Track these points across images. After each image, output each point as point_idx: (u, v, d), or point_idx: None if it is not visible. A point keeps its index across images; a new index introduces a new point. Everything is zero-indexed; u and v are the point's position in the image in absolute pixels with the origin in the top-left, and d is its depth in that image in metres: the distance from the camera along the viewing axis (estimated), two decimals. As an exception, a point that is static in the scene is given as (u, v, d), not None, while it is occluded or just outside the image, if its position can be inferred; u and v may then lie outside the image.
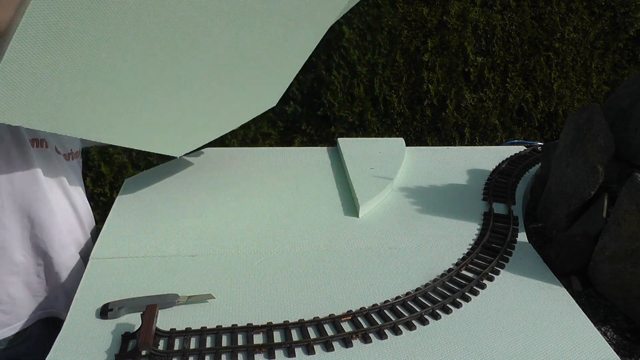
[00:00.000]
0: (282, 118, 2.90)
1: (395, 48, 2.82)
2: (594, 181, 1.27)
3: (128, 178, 1.66)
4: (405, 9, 2.78)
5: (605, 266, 1.15)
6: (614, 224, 1.13)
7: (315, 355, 0.99)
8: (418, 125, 2.97)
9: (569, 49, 2.90)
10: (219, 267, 1.25)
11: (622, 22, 2.89)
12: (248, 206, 1.52)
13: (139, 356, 0.96)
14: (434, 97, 2.90)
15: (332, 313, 1.09)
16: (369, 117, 2.91)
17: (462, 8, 2.79)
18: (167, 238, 1.36)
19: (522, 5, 2.82)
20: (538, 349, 1.00)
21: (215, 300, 1.13)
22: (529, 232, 1.40)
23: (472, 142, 3.02)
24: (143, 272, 1.22)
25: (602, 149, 1.27)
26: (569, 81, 2.96)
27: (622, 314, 1.13)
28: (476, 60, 2.85)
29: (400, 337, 1.03)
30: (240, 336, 1.02)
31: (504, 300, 1.14)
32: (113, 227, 1.40)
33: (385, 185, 1.56)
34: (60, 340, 1.02)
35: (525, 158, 1.78)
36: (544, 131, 3.07)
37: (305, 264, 1.26)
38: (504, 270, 1.23)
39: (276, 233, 1.38)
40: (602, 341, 1.02)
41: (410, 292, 1.15)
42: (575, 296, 1.16)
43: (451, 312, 1.10)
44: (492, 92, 2.92)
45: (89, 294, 1.14)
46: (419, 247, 1.33)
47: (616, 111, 1.35)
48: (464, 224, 1.42)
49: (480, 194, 1.57)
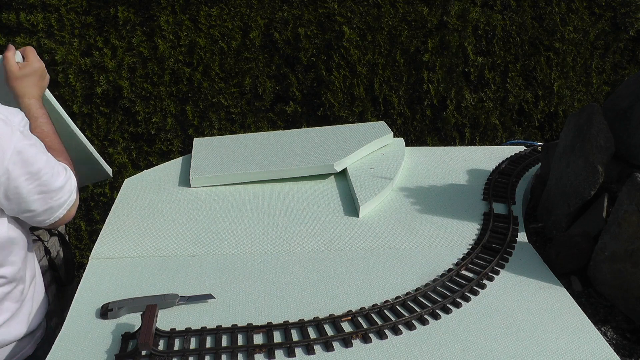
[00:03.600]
0: (282, 118, 2.90)
1: (395, 48, 2.82)
2: (594, 181, 1.27)
3: (128, 178, 1.66)
4: (405, 9, 2.78)
5: (605, 266, 1.15)
6: (614, 224, 1.13)
7: (315, 355, 0.99)
8: (418, 125, 2.97)
9: (569, 49, 2.89)
10: (219, 267, 1.24)
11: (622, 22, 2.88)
12: (248, 206, 1.52)
13: (139, 356, 0.96)
14: (434, 97, 2.90)
15: (332, 313, 1.09)
16: (369, 117, 2.91)
17: (462, 8, 2.79)
18: (167, 238, 1.36)
19: (522, 5, 2.82)
20: (538, 349, 1.00)
21: (215, 300, 1.13)
22: (529, 232, 1.40)
23: (472, 142, 3.01)
24: (143, 272, 1.22)
25: (602, 149, 1.27)
26: (569, 81, 2.95)
27: (622, 314, 1.13)
28: (476, 60, 2.85)
29: (400, 337, 1.03)
30: (240, 336, 1.02)
31: (504, 300, 1.14)
32: (113, 227, 1.40)
33: (385, 185, 1.56)
34: (60, 340, 1.02)
35: (525, 158, 1.78)
36: (544, 131, 3.07)
37: (305, 264, 1.26)
38: (504, 270, 1.23)
39: (276, 233, 1.38)
40: (602, 341, 1.02)
41: (410, 292, 1.15)
42: (575, 296, 1.16)
43: (451, 312, 1.10)
44: (493, 92, 2.92)
45: (89, 294, 1.14)
46: (419, 247, 1.33)
47: (616, 111, 1.35)
48: (464, 224, 1.42)
49: (480, 194, 1.57)
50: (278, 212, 1.49)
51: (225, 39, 2.72)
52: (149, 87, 2.75)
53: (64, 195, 1.18)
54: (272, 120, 2.90)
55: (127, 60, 2.68)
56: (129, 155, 2.89)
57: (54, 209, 1.18)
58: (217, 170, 1.64)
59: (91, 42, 2.66)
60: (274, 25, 2.73)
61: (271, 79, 2.82)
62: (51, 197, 1.15)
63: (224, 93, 2.79)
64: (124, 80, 2.71)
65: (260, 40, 2.74)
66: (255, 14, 2.70)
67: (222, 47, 2.72)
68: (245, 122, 2.88)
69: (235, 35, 2.72)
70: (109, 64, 2.67)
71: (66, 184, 1.18)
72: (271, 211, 1.49)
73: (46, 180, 1.13)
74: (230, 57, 2.75)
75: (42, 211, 1.16)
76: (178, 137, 2.88)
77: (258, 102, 2.85)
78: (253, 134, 1.95)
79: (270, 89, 2.82)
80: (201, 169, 1.65)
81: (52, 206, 1.17)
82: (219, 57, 2.74)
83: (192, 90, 2.79)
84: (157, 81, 2.74)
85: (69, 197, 1.20)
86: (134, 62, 2.70)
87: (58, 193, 1.16)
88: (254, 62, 2.77)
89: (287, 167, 1.64)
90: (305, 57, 2.77)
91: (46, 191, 1.14)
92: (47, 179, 1.13)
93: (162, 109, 2.78)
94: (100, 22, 2.65)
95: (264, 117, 2.88)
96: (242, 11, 2.70)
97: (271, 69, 2.80)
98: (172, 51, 2.69)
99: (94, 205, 2.90)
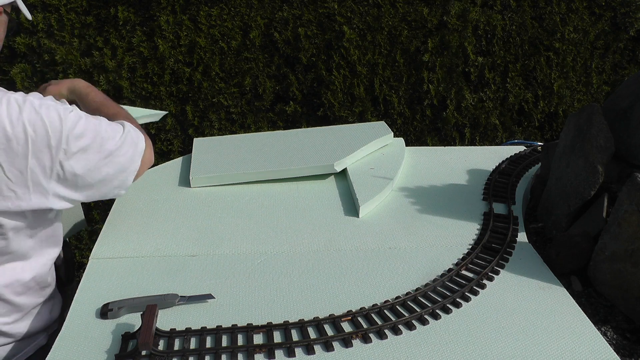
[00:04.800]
0: (282, 118, 2.90)
1: (395, 48, 2.82)
2: (594, 181, 1.27)
3: (128, 178, 1.66)
4: (405, 9, 2.78)
5: (605, 266, 1.15)
6: (614, 224, 1.13)
7: (315, 355, 0.99)
8: (418, 125, 2.97)
9: (569, 49, 2.89)
10: (219, 267, 1.24)
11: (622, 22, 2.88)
12: (248, 206, 1.52)
13: (139, 356, 0.96)
14: (434, 97, 2.90)
15: (332, 313, 1.09)
16: (369, 117, 2.91)
17: (462, 8, 2.79)
18: (167, 238, 1.36)
19: (522, 5, 2.82)
20: (538, 349, 1.00)
21: (215, 300, 1.13)
22: (529, 232, 1.40)
23: (472, 142, 3.01)
24: (143, 272, 1.22)
25: (602, 149, 1.27)
26: (569, 81, 2.95)
27: (622, 314, 1.13)
28: (476, 60, 2.85)
29: (400, 337, 1.03)
30: (240, 336, 1.02)
31: (504, 300, 1.14)
32: (113, 227, 1.40)
33: (385, 185, 1.56)
34: (60, 340, 1.02)
35: (525, 158, 1.78)
36: (544, 131, 3.07)
37: (305, 264, 1.26)
38: (504, 270, 1.23)
39: (276, 233, 1.38)
40: (602, 341, 1.02)
41: (410, 292, 1.15)
42: (575, 296, 1.16)
43: (451, 312, 1.10)
44: (493, 92, 2.92)
45: (89, 294, 1.14)
46: (419, 247, 1.33)
47: (616, 111, 1.35)
48: (464, 224, 1.42)
49: (480, 194, 1.57)
50: (278, 212, 1.49)
51: (225, 39, 2.72)
52: (149, 87, 2.75)
53: (128, 149, 1.18)
54: (272, 120, 2.90)
55: (127, 60, 2.68)
56: (129, 155, 2.89)
57: (125, 166, 1.18)
58: (217, 170, 1.64)
59: (91, 42, 2.66)
60: (274, 25, 2.73)
61: (271, 79, 2.82)
62: (116, 155, 1.16)
63: (224, 93, 2.79)
64: (124, 80, 2.71)
65: (260, 40, 2.74)
66: (255, 14, 2.70)
67: (222, 47, 2.72)
68: (245, 122, 2.88)
69: (235, 35, 2.72)
70: (109, 64, 2.67)
71: (126, 139, 1.18)
72: (271, 211, 1.49)
73: (102, 143, 1.13)
74: (230, 57, 2.75)
75: (116, 173, 1.17)
76: (178, 137, 2.88)
77: (258, 102, 2.85)
78: (253, 134, 1.95)
79: (270, 89, 2.82)
80: (201, 169, 1.65)
81: (122, 164, 1.17)
82: (219, 57, 2.74)
83: (192, 90, 2.79)
84: (157, 81, 2.74)
85: (135, 149, 1.19)
86: (134, 62, 2.70)
87: (121, 150, 1.17)
88: (254, 62, 2.77)
89: (287, 167, 1.64)
90: (305, 57, 2.77)
91: (108, 154, 1.14)
92: (103, 143, 1.13)
93: (162, 109, 2.78)
94: (100, 22, 2.65)
95: (264, 117, 2.89)
96: (242, 11, 2.70)
97: (271, 69, 2.80)
98: (172, 51, 2.69)
99: (94, 205, 2.90)
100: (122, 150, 1.17)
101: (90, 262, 1.25)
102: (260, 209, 1.50)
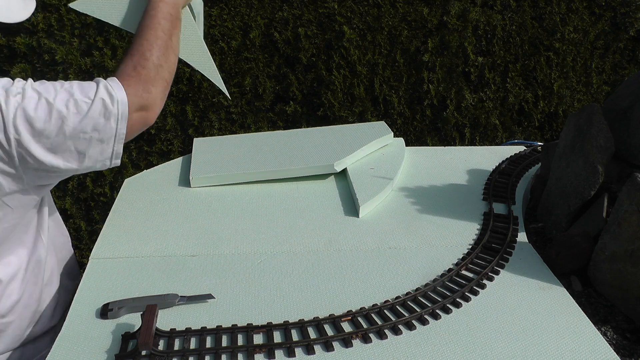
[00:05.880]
0: (282, 118, 2.90)
1: (395, 48, 2.82)
2: (594, 181, 1.27)
3: (128, 178, 1.66)
4: (405, 9, 2.78)
5: (605, 266, 1.15)
6: (614, 224, 1.13)
7: (315, 355, 0.99)
8: (418, 125, 2.97)
9: (569, 49, 2.89)
10: (219, 267, 1.25)
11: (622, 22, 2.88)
12: (248, 206, 1.52)
13: (139, 356, 0.96)
14: (434, 97, 2.90)
15: (332, 313, 1.09)
16: (369, 117, 2.91)
17: (462, 8, 2.79)
18: (167, 238, 1.36)
19: (522, 5, 2.82)
20: (538, 349, 1.00)
21: (215, 300, 1.13)
22: (529, 232, 1.40)
23: (472, 142, 3.01)
24: (143, 272, 1.22)
25: (602, 149, 1.27)
26: (569, 81, 2.96)
27: (622, 314, 1.13)
28: (476, 60, 2.85)
29: (400, 337, 1.03)
30: (240, 336, 1.02)
31: (504, 300, 1.14)
32: (113, 227, 1.40)
33: (385, 185, 1.56)
34: (60, 340, 1.02)
35: (525, 158, 1.78)
36: (544, 131, 3.07)
37: (305, 264, 1.26)
38: (504, 270, 1.23)
39: (276, 233, 1.38)
40: (602, 341, 1.02)
41: (410, 292, 1.15)
42: (575, 296, 1.16)
43: (451, 312, 1.10)
44: (493, 92, 2.92)
45: (89, 294, 1.14)
46: (419, 247, 1.33)
47: (616, 111, 1.35)
48: (464, 224, 1.42)
49: (480, 194, 1.57)
50: (278, 212, 1.49)
51: (225, 39, 2.72)
52: (149, 87, 2.74)
53: (98, 120, 1.06)
54: (272, 120, 2.90)
55: (127, 60, 2.68)
56: (129, 155, 2.89)
57: (101, 137, 1.07)
58: (217, 170, 1.64)
59: (91, 42, 2.66)
60: (274, 25, 2.73)
61: (271, 79, 2.82)
62: (80, 131, 1.05)
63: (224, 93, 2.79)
64: (124, 80, 2.71)
65: (260, 40, 2.74)
66: (255, 14, 2.70)
67: (222, 47, 2.72)
68: (245, 122, 2.88)
69: (235, 35, 2.72)
70: (109, 64, 2.67)
71: (93, 107, 1.05)
72: (271, 211, 1.49)
73: (60, 125, 1.03)
74: (230, 57, 2.75)
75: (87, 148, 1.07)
76: (178, 137, 2.88)
77: (258, 102, 2.85)
78: (253, 134, 1.95)
79: (270, 89, 2.82)
80: (201, 169, 1.65)
81: (96, 138, 1.06)
82: (219, 57, 2.74)
83: (192, 90, 2.79)
84: (157, 81, 2.74)
85: (107, 118, 1.06)
86: (134, 62, 2.70)
87: (85, 122, 1.05)
88: (254, 62, 2.77)
89: (287, 167, 1.64)
90: (305, 57, 2.77)
91: (71, 133, 1.04)
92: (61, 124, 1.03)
93: (162, 109, 2.78)
94: (100, 22, 2.65)
95: (264, 117, 2.89)
96: (242, 11, 2.70)
97: (271, 69, 2.80)
98: (172, 51, 2.68)
99: (94, 205, 2.90)
100: (86, 122, 1.05)
101: (90, 262, 1.25)
102: (260, 209, 1.50)
